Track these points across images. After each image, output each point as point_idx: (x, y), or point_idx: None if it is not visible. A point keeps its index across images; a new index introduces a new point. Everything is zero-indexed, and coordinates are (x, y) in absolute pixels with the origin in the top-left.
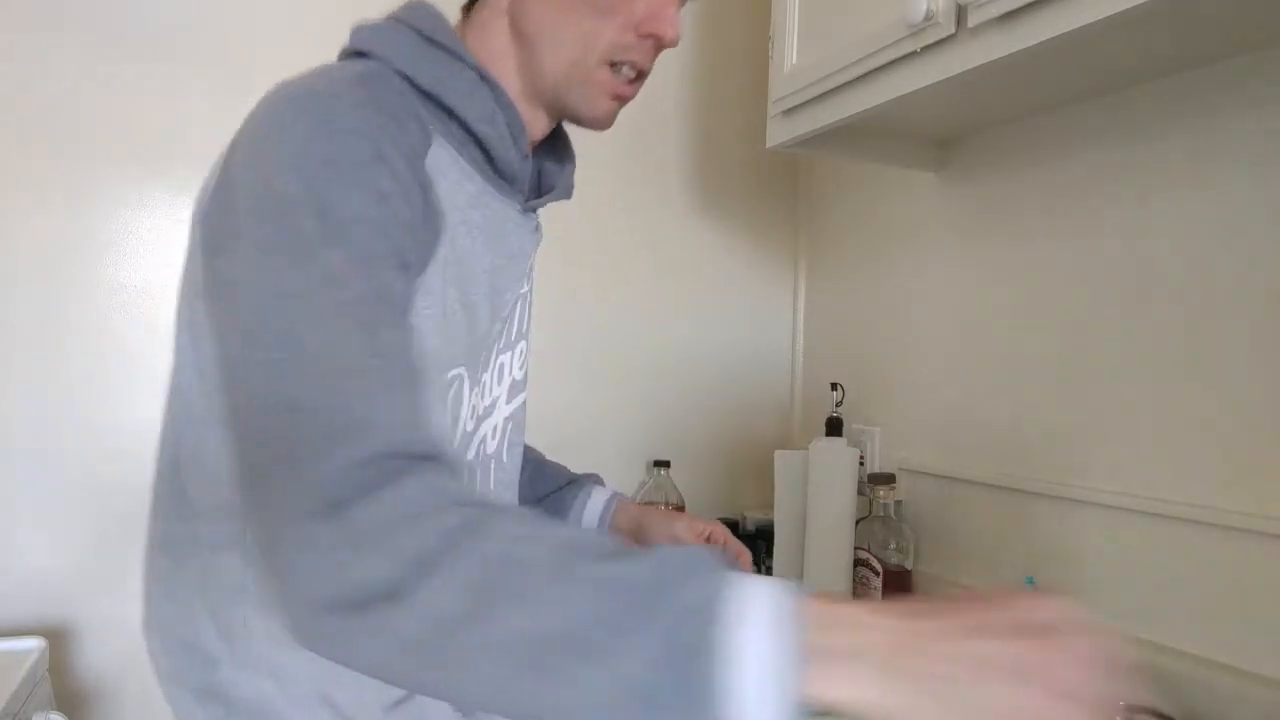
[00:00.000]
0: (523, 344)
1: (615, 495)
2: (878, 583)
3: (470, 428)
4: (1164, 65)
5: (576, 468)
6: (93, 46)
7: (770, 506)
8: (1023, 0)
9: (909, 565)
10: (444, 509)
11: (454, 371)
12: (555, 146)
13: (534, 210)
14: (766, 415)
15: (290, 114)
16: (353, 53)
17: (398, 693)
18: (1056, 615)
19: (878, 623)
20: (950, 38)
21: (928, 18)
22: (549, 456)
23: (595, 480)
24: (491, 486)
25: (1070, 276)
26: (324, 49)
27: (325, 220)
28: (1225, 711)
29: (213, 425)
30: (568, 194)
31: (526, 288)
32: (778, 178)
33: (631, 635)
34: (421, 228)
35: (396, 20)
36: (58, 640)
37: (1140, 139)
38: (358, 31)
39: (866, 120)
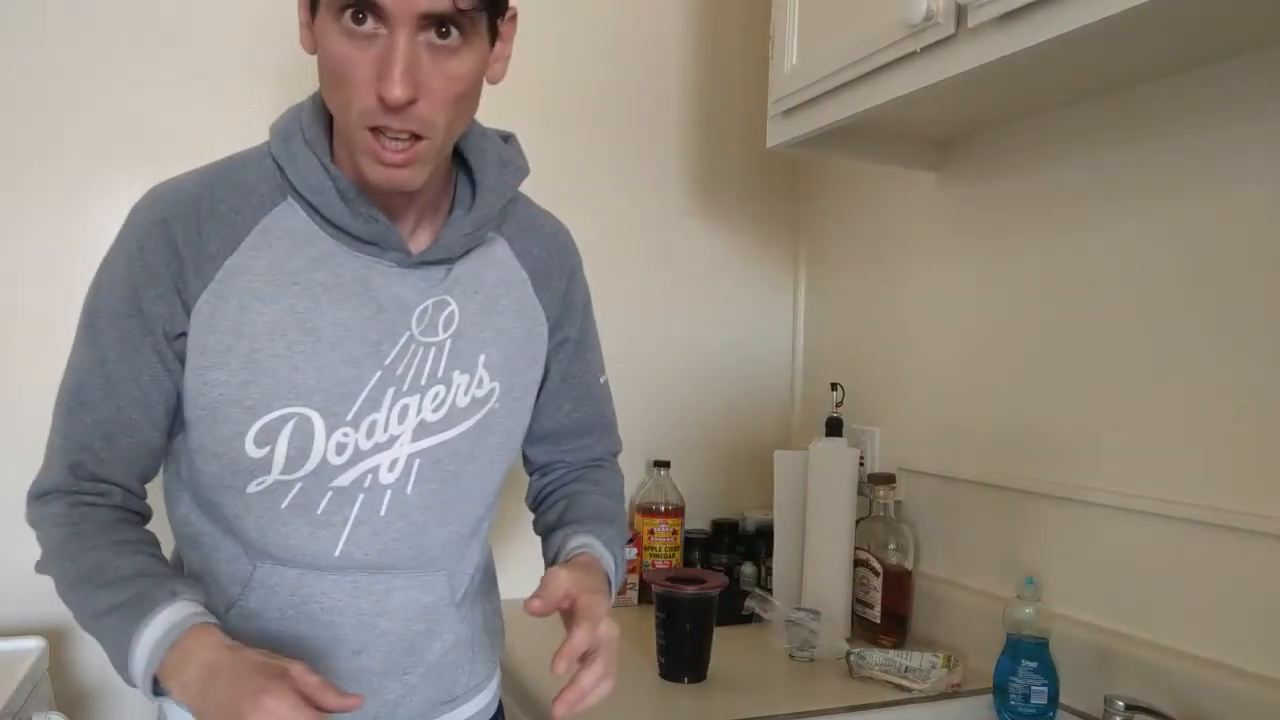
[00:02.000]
0: (438, 389)
1: (581, 547)
2: (878, 583)
3: (339, 460)
4: (1164, 65)
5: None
6: (93, 47)
7: (770, 506)
8: (1023, 0)
9: (909, 565)
10: (59, 524)
11: (282, 411)
12: (472, 201)
13: (435, 264)
14: (766, 415)
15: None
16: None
17: (232, 598)
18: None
19: (196, 666)
20: (950, 38)
21: (928, 18)
22: None
23: (587, 529)
24: (382, 513)
25: (1070, 276)
26: None
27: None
28: (1225, 711)
29: None
30: (453, 252)
31: (439, 336)
32: (778, 178)
33: (105, 631)
34: (167, 304)
35: (297, 109)
36: (58, 640)
37: (1140, 139)
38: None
39: (866, 120)
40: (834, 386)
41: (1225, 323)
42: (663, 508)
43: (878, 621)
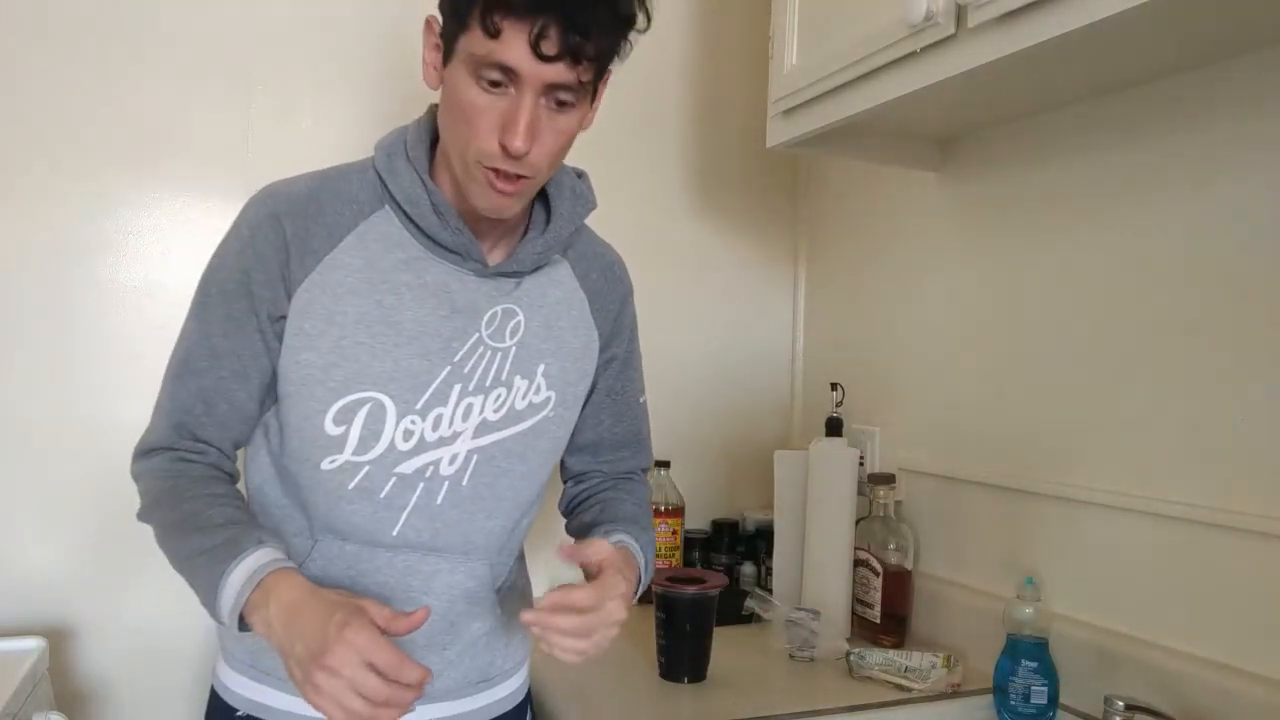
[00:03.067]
0: (500, 391)
1: (619, 543)
2: (878, 583)
3: (405, 446)
4: (1164, 65)
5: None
6: (93, 47)
7: (770, 506)
8: (1023, 0)
9: (909, 565)
10: (161, 476)
11: (360, 395)
12: (547, 222)
13: (507, 275)
14: (766, 415)
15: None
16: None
17: (302, 554)
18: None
19: (278, 604)
20: (950, 38)
21: (928, 18)
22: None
23: (623, 529)
24: (438, 502)
25: (1070, 276)
26: (323, 49)
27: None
28: (1225, 711)
29: None
30: (526, 268)
31: (505, 343)
32: (778, 178)
33: (198, 571)
34: (274, 289)
35: (406, 126)
36: (58, 640)
37: (1140, 139)
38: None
39: (866, 120)
40: (834, 386)
41: (1226, 323)
42: (663, 508)
43: (878, 621)
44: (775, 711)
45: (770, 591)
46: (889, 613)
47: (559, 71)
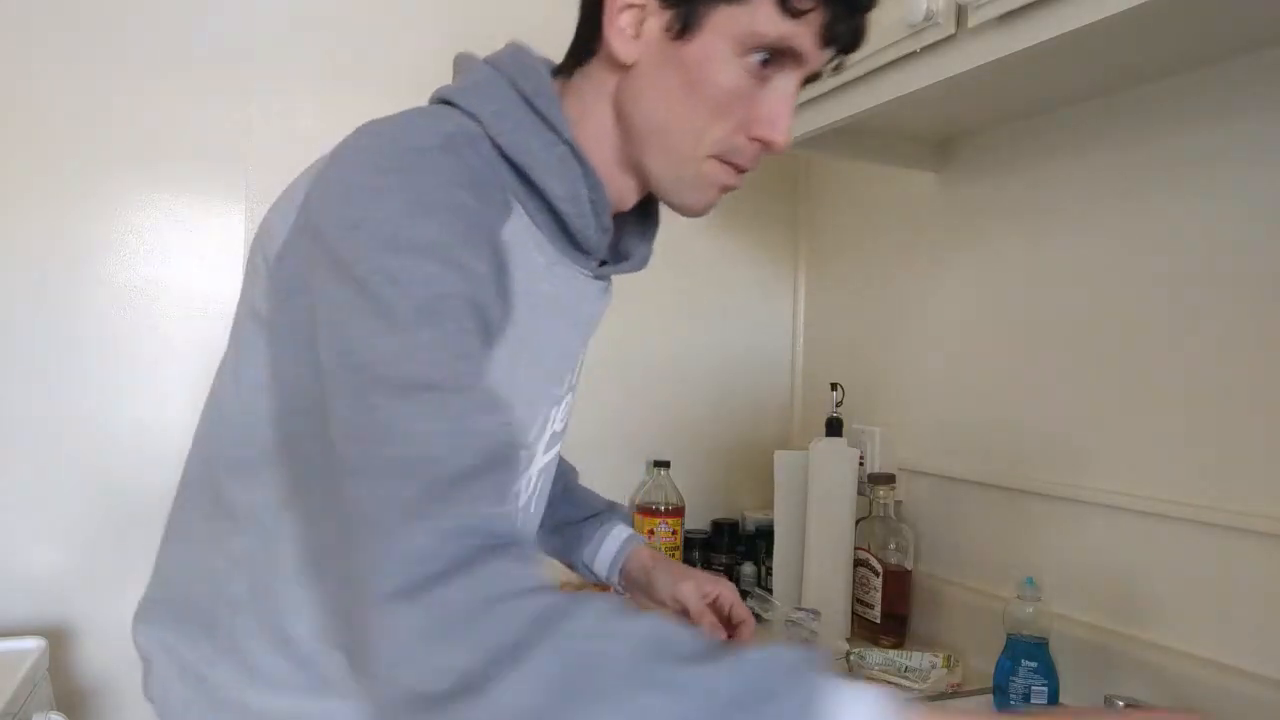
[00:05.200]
0: (570, 396)
1: (632, 538)
2: (878, 583)
3: (520, 487)
4: (1164, 65)
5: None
6: (93, 48)
7: (770, 506)
8: (1023, 0)
9: (909, 565)
10: (524, 596)
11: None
12: (644, 213)
13: (606, 277)
14: (766, 415)
15: (386, 183)
16: (443, 100)
17: None
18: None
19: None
20: (950, 38)
21: (928, 18)
22: None
23: (619, 516)
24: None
25: (1070, 276)
26: (323, 50)
27: (416, 299)
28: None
29: (253, 444)
30: (642, 265)
31: (584, 349)
32: (778, 178)
33: None
34: (495, 307)
35: (498, 72)
36: (58, 640)
37: (1140, 139)
38: (462, 71)
39: (866, 120)
40: (834, 386)
41: (1226, 322)
42: (663, 508)
43: (878, 621)
44: None
45: (770, 591)
46: (889, 613)
47: (825, 59)
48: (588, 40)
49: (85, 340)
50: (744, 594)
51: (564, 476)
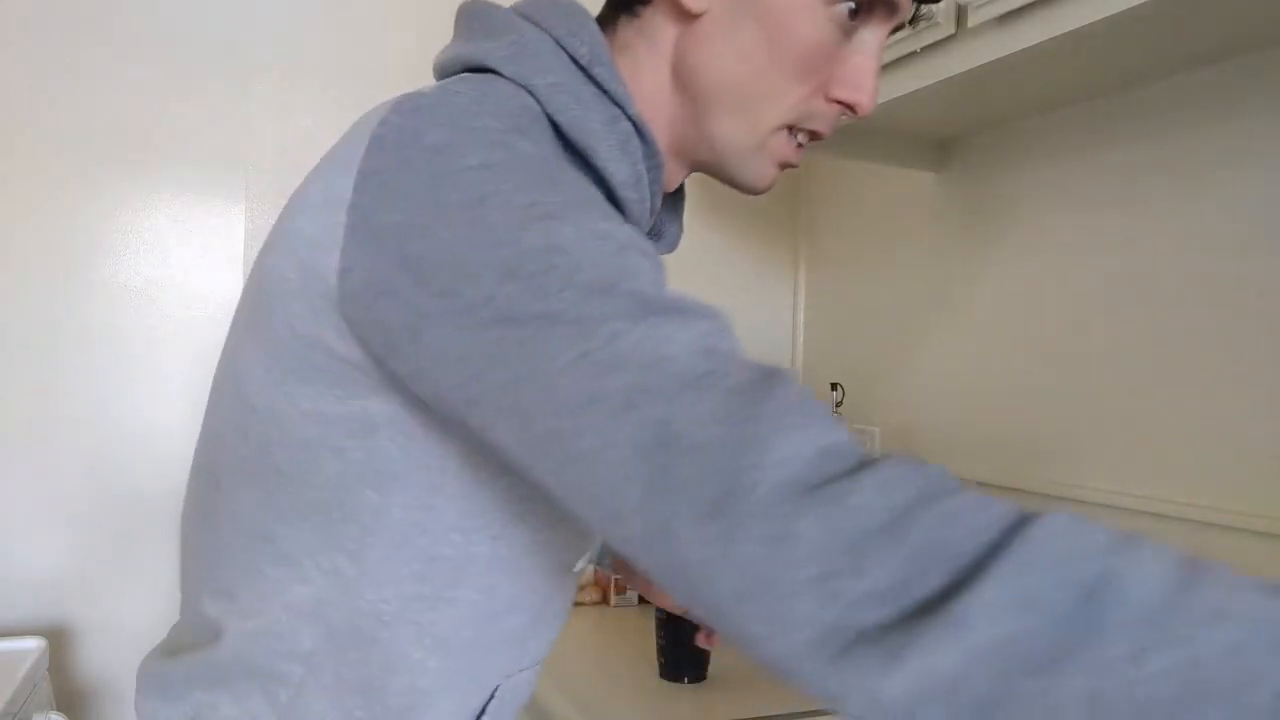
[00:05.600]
0: None
1: None
2: None
3: None
4: (1164, 66)
5: None
6: (93, 47)
7: None
8: (1023, 0)
9: None
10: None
11: None
12: (673, 194)
13: None
14: None
15: (488, 159)
16: (479, 67)
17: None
18: None
19: None
20: (950, 38)
21: (928, 18)
22: None
23: None
24: None
25: (1070, 276)
26: (321, 50)
27: (599, 263)
28: None
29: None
30: (673, 247)
31: None
32: (778, 178)
33: None
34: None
35: (540, 29)
36: (58, 640)
37: (1140, 139)
38: (492, 28)
39: (866, 120)
40: (834, 386)
41: (1227, 323)
42: None
43: None
44: (775, 711)
45: None
46: None
47: (912, 7)
48: None
49: (85, 340)
50: None
51: None
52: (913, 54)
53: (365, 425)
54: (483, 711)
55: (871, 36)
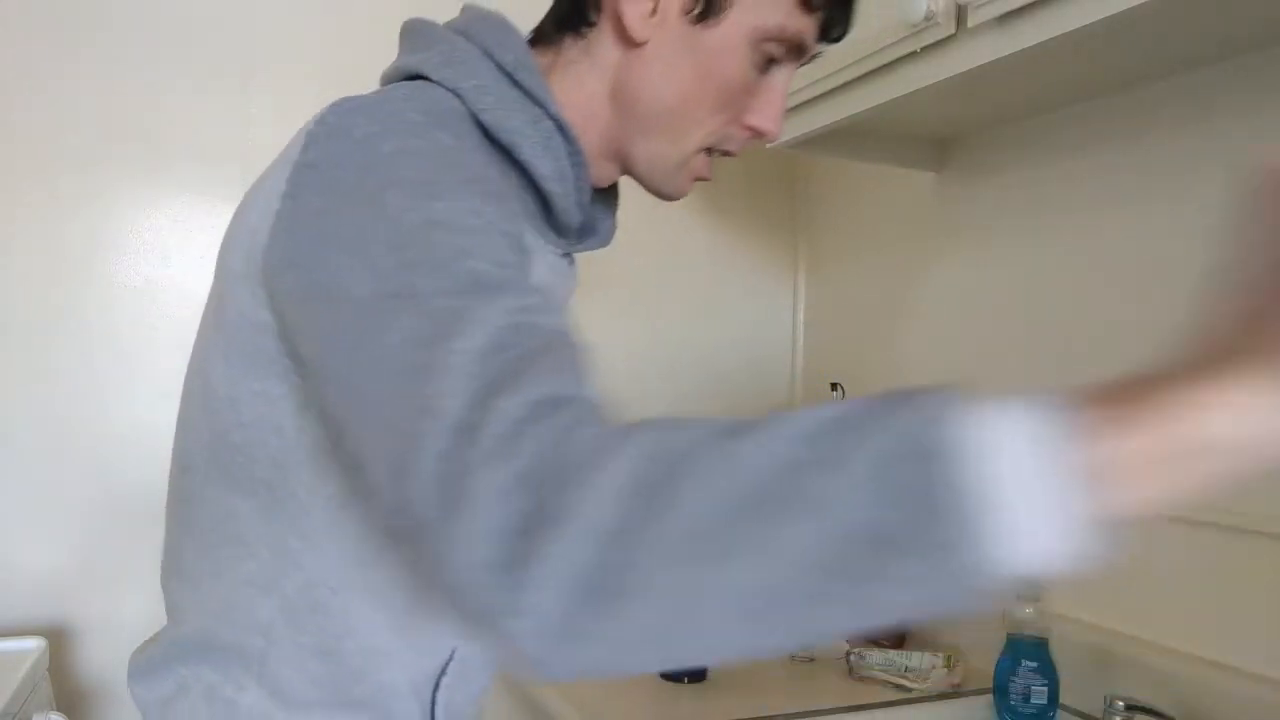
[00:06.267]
0: None
1: None
2: None
3: None
4: (1164, 66)
5: None
6: (93, 47)
7: None
8: (1023, 0)
9: None
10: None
11: None
12: (606, 190)
13: (572, 256)
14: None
15: (400, 146)
16: (414, 75)
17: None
18: None
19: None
20: (950, 38)
21: (928, 18)
22: None
23: None
24: None
25: (1071, 276)
26: (321, 50)
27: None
28: (1225, 711)
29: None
30: (607, 241)
31: None
32: (777, 178)
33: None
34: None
35: (470, 42)
36: (58, 640)
37: (1140, 139)
38: (423, 43)
39: (866, 120)
40: (834, 386)
41: None
42: None
43: None
44: (775, 711)
45: None
46: None
47: (816, 51)
48: (583, 9)
49: (85, 340)
50: None
51: None
52: (913, 54)
53: (299, 403)
54: (442, 672)
55: (781, 74)
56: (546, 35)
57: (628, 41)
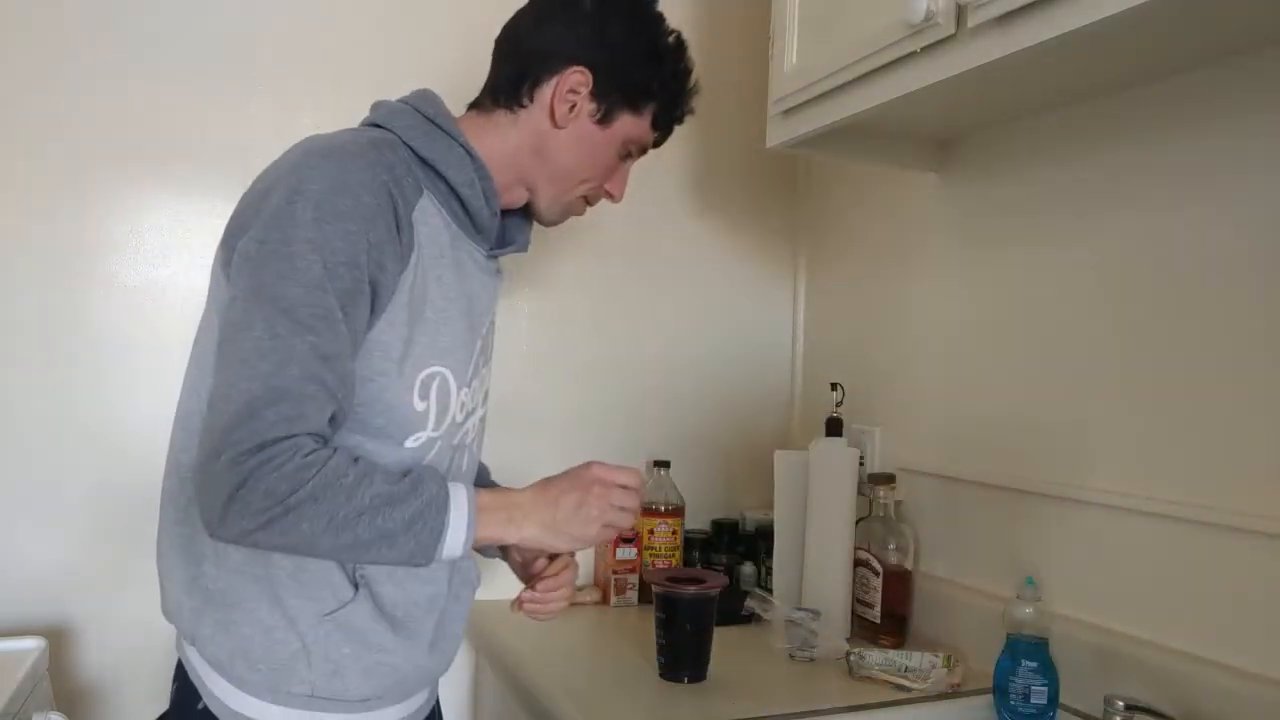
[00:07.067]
0: (487, 368)
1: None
2: (878, 583)
3: (459, 419)
4: (1164, 66)
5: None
6: (93, 49)
7: (770, 506)
8: (1023, 0)
9: (909, 565)
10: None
11: (435, 368)
12: (525, 210)
13: (495, 258)
14: (766, 415)
15: (318, 162)
16: (371, 124)
17: (332, 603)
18: (615, 475)
19: (521, 497)
20: (950, 38)
21: (928, 18)
22: (547, 456)
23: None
24: (464, 470)
25: (1071, 276)
26: (323, 50)
27: (327, 262)
28: (1225, 711)
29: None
30: (525, 249)
31: (491, 318)
32: (778, 178)
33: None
34: (395, 262)
35: (406, 104)
36: (58, 640)
37: (1140, 139)
38: (376, 109)
39: (866, 120)
40: (834, 386)
41: (1226, 323)
42: (663, 507)
43: (878, 621)
44: (775, 711)
45: (770, 591)
46: (889, 613)
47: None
48: (518, 94)
49: (85, 340)
50: (744, 594)
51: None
52: (913, 54)
53: None
54: None
55: (630, 161)
56: (482, 105)
57: (553, 122)
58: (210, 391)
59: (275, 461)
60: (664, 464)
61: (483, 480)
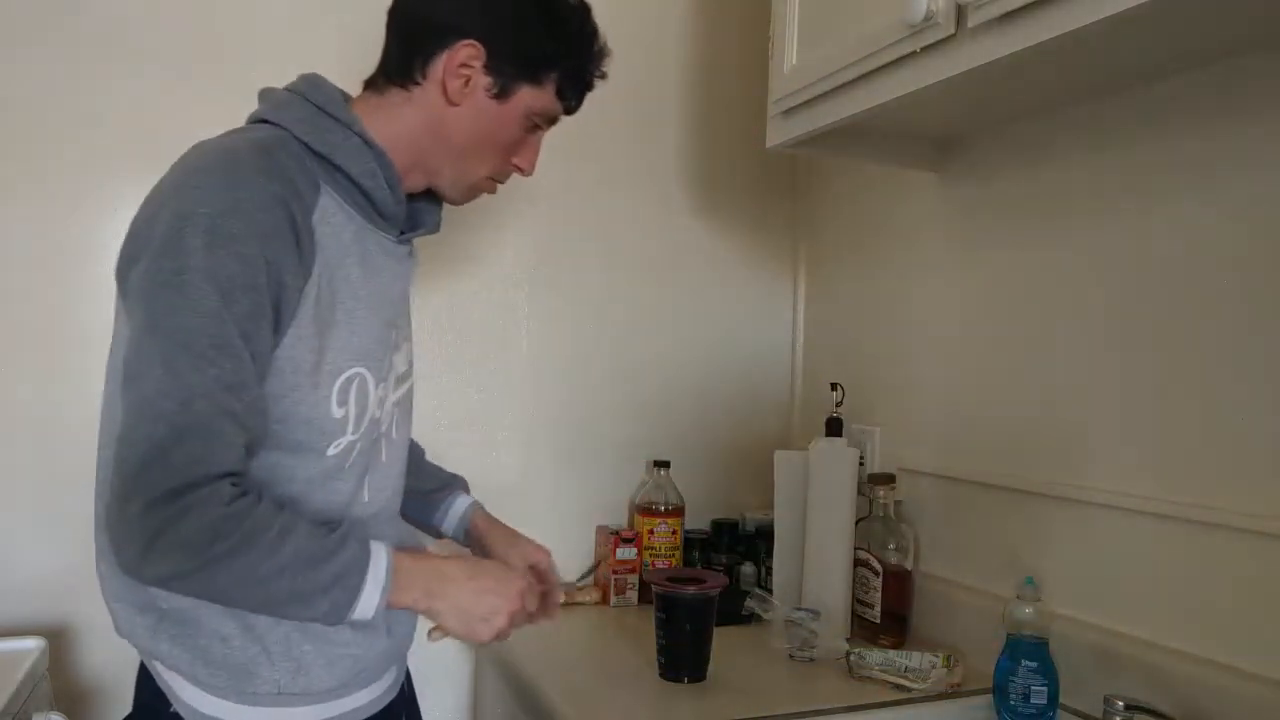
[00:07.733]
0: (406, 344)
1: (474, 504)
2: (877, 583)
3: (378, 415)
4: (1164, 66)
5: (577, 467)
6: (93, 47)
7: (770, 506)
8: (1023, 0)
9: (909, 565)
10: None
11: (351, 371)
12: (432, 193)
13: (408, 241)
14: (766, 415)
15: (205, 180)
16: (260, 119)
17: None
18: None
19: (449, 568)
20: (950, 38)
21: (928, 18)
22: (547, 456)
23: (461, 487)
24: (383, 458)
25: (1070, 276)
26: (319, 49)
27: (223, 289)
28: (1225, 711)
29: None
30: (436, 229)
31: (405, 302)
32: (777, 178)
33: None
34: (296, 276)
35: (294, 93)
36: (58, 640)
37: (1141, 140)
38: (264, 99)
39: (866, 120)
40: (834, 386)
41: (1226, 323)
42: (663, 508)
43: (878, 621)
44: (775, 711)
45: (770, 591)
46: (889, 613)
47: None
48: (410, 71)
49: (85, 340)
50: (744, 594)
51: (414, 452)
52: (913, 54)
53: None
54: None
55: (540, 134)
56: (376, 84)
57: (447, 100)
58: (119, 428)
59: (195, 512)
60: (664, 464)
61: (415, 462)
